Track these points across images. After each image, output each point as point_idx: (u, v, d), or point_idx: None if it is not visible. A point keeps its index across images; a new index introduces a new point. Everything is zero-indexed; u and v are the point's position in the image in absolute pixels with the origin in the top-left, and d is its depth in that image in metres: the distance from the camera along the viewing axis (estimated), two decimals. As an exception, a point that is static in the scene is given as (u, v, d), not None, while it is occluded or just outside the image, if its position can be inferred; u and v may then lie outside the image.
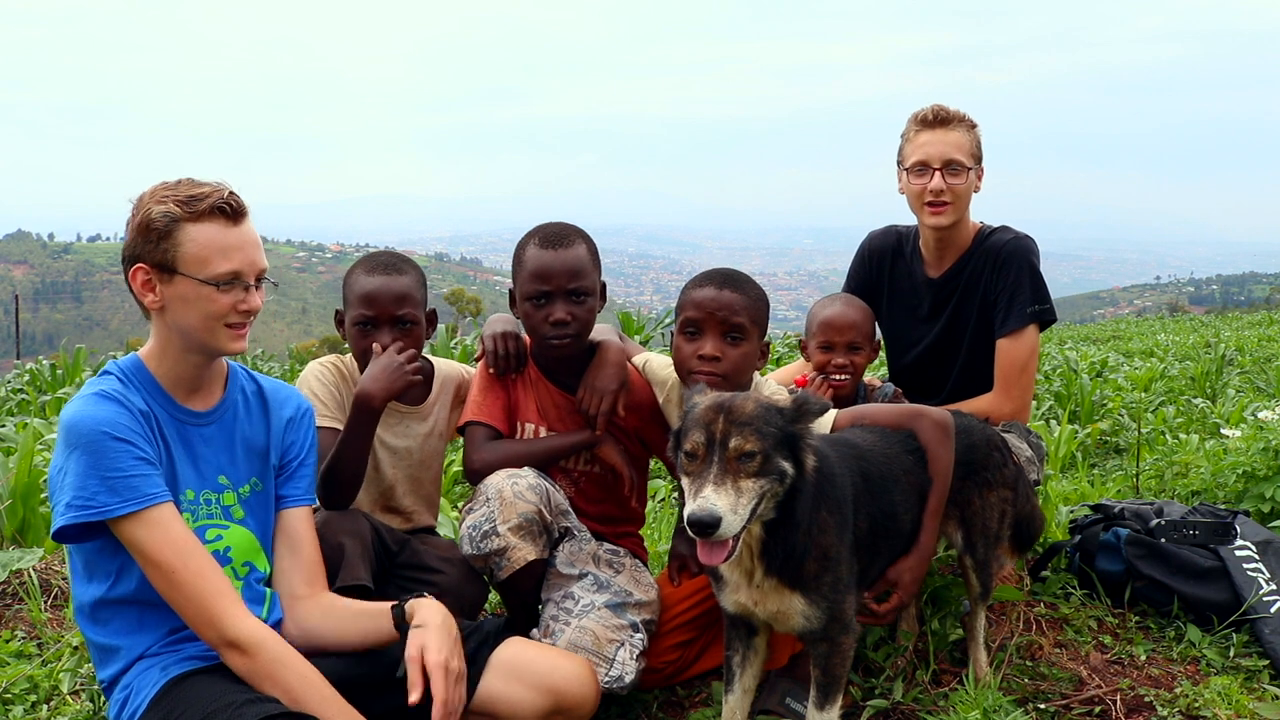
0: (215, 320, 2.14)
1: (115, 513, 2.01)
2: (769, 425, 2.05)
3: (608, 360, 2.85)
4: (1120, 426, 7.41)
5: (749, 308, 2.72)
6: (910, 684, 2.75)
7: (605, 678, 2.52)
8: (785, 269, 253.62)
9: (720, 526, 1.93)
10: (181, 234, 2.10)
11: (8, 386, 10.70)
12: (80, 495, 2.00)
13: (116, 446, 2.03)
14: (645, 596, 2.75)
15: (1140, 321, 25.61)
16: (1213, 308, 55.81)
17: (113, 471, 2.01)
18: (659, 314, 12.16)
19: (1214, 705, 2.61)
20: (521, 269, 2.78)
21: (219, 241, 2.12)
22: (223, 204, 2.12)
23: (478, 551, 2.58)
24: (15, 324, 20.04)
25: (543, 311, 2.74)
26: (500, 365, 2.85)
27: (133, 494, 2.02)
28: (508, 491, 2.58)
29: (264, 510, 2.35)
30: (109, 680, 2.18)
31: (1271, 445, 3.84)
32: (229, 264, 2.12)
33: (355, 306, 2.76)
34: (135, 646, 2.15)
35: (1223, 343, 12.82)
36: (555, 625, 2.64)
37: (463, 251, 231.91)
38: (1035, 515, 3.11)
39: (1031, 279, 3.32)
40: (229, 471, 2.29)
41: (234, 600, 2.08)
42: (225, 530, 2.26)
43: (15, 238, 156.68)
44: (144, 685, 2.10)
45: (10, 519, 4.05)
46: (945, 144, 3.29)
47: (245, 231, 2.16)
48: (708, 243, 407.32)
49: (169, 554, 2.03)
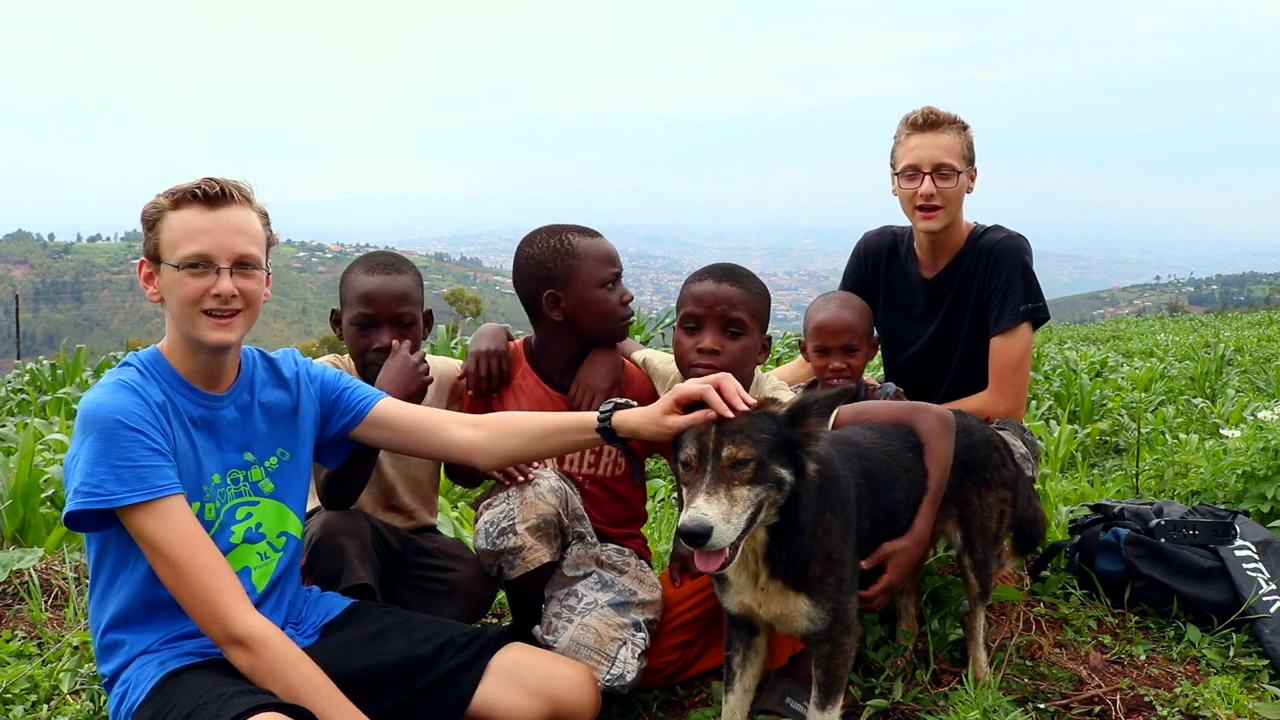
0: (190, 306, 2.12)
1: (122, 501, 2.00)
2: (763, 432, 2.04)
3: (600, 357, 2.85)
4: (1120, 426, 7.41)
5: (748, 302, 2.72)
6: (910, 684, 2.75)
7: (606, 676, 2.51)
8: (785, 269, 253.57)
9: (712, 537, 1.93)
10: (163, 222, 2.13)
11: (8, 386, 10.70)
12: (88, 482, 2.00)
13: (128, 436, 2.03)
14: (649, 596, 2.75)
15: (1140, 321, 25.60)
16: (1212, 308, 55.82)
17: (122, 461, 2.01)
18: (659, 314, 12.16)
19: (1214, 705, 2.61)
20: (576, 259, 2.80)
21: (190, 225, 2.11)
22: (199, 189, 2.12)
23: (492, 547, 2.57)
24: (15, 324, 20.04)
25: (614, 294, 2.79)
26: (482, 387, 2.87)
27: (141, 484, 2.02)
28: (529, 491, 2.59)
29: (297, 480, 2.37)
30: (110, 675, 2.19)
31: (1271, 445, 3.84)
32: (194, 246, 2.10)
33: (355, 306, 2.76)
34: (138, 643, 2.15)
35: (1222, 343, 12.82)
36: (558, 623, 2.64)
37: (463, 251, 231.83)
38: (1038, 517, 3.11)
39: (1024, 277, 3.32)
40: (254, 447, 2.30)
41: (239, 596, 2.08)
42: (255, 507, 2.28)
43: (15, 238, 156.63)
44: (141, 679, 2.11)
45: (10, 519, 4.05)
46: (935, 148, 3.29)
47: (222, 216, 2.13)
48: (708, 243, 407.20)
49: (176, 547, 2.03)
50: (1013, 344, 3.31)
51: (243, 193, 2.19)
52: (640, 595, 2.73)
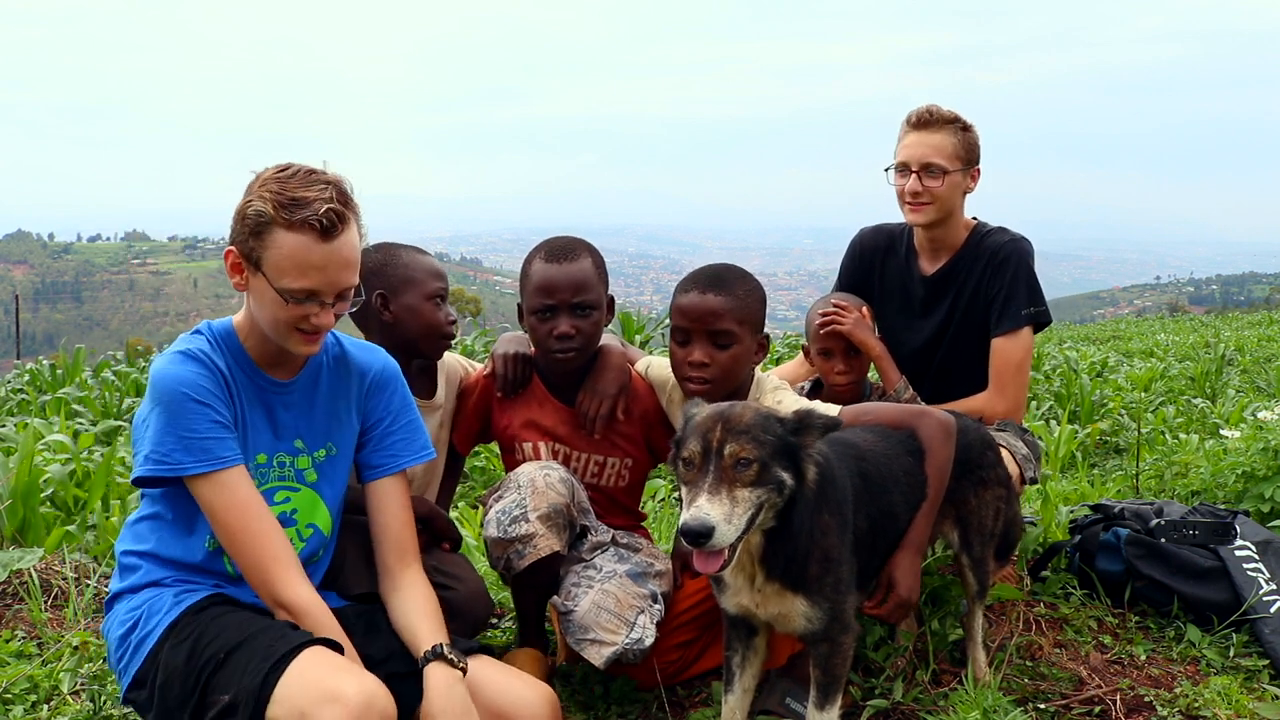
0: (285, 325, 2.15)
1: (188, 471, 2.10)
2: (767, 434, 2.04)
3: (608, 364, 2.87)
4: (1120, 426, 7.42)
5: (734, 310, 2.70)
6: (910, 684, 2.75)
7: (625, 639, 2.56)
8: (785, 269, 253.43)
9: (713, 536, 1.93)
10: (270, 236, 2.08)
11: (8, 386, 10.70)
12: (158, 450, 2.10)
13: (195, 409, 2.11)
14: (664, 566, 2.83)
15: (1140, 321, 25.60)
16: (1213, 308, 55.78)
17: (189, 432, 2.10)
18: (659, 314, 12.15)
19: (1214, 705, 2.62)
20: (528, 282, 2.81)
21: (301, 256, 2.07)
22: (318, 219, 2.06)
23: (504, 535, 2.59)
24: (15, 324, 20.05)
25: (547, 325, 2.76)
26: (506, 388, 2.91)
27: (206, 455, 2.10)
28: (540, 481, 2.64)
29: (337, 475, 2.39)
30: (115, 593, 2.25)
31: (1271, 445, 3.84)
32: (305, 281, 2.10)
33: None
34: (154, 573, 2.22)
35: (1223, 343, 12.83)
36: (577, 591, 2.66)
37: (463, 251, 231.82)
38: (1016, 521, 3.10)
39: (1028, 281, 3.34)
40: (306, 436, 2.33)
41: (289, 565, 2.15)
42: (295, 493, 2.32)
43: (15, 238, 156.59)
44: (156, 611, 2.15)
45: (10, 519, 4.05)
46: (926, 146, 3.31)
47: (335, 249, 2.10)
48: (708, 243, 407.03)
49: (235, 515, 2.11)
50: (1014, 346, 3.31)
51: (350, 208, 2.14)
52: (657, 566, 2.80)
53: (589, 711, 2.76)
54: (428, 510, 2.87)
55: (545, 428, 2.90)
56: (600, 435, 2.84)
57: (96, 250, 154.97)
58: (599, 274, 2.81)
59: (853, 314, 3.26)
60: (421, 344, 2.83)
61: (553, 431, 2.89)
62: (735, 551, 2.02)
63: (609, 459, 2.91)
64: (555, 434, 2.89)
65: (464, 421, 3.00)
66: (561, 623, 2.64)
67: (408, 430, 2.44)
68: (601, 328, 2.85)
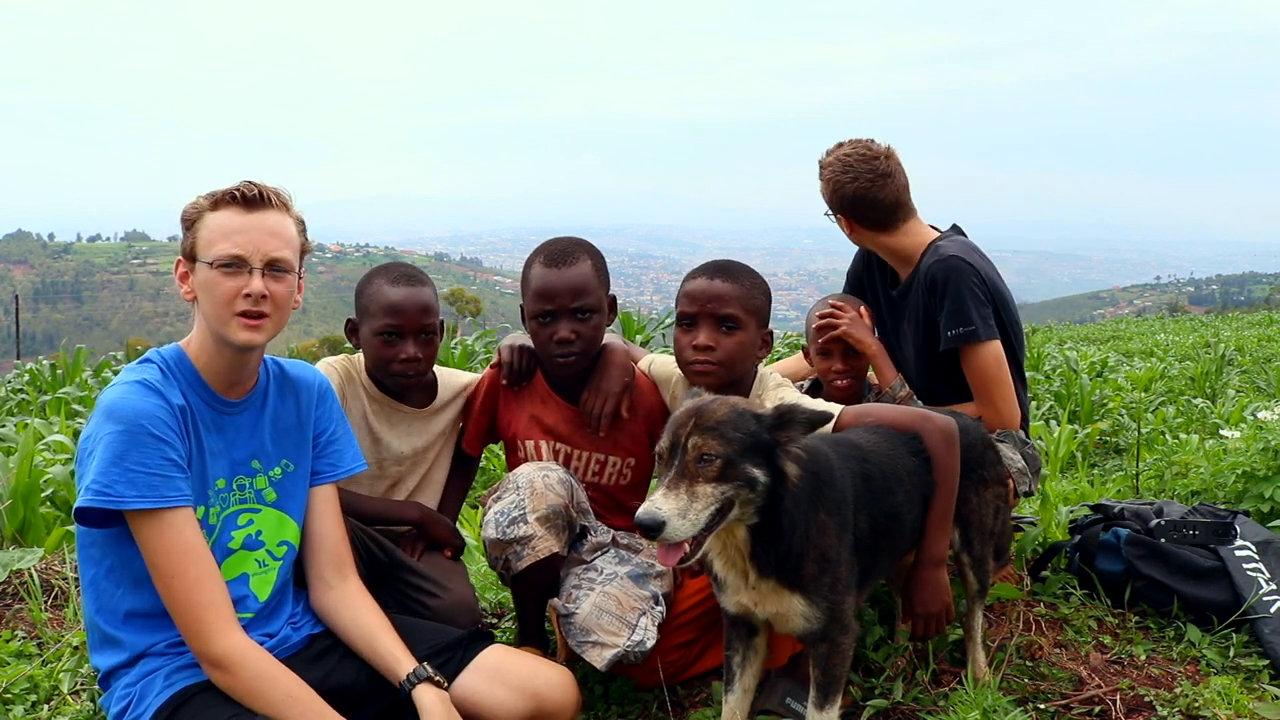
0: (223, 307, 2.14)
1: (130, 505, 2.02)
2: (738, 430, 2.03)
3: (612, 362, 2.87)
4: (1120, 426, 7.42)
5: (741, 297, 2.72)
6: (910, 684, 2.75)
7: (627, 642, 2.56)
8: (785, 269, 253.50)
9: (664, 530, 1.93)
10: (201, 222, 2.17)
11: (8, 386, 10.71)
12: (100, 481, 2.02)
13: (148, 442, 2.05)
14: (664, 567, 2.81)
15: (1140, 321, 25.61)
16: (1213, 308, 55.80)
17: (137, 466, 2.03)
18: (659, 314, 12.16)
19: (1214, 705, 2.61)
20: (528, 287, 2.81)
21: (226, 225, 2.14)
22: (238, 192, 2.16)
23: (503, 536, 2.60)
24: (15, 324, 20.07)
25: (548, 330, 2.76)
26: (513, 377, 2.93)
27: (151, 492, 2.03)
28: (539, 482, 2.64)
29: (297, 491, 2.37)
30: (107, 671, 2.19)
31: (1271, 445, 3.84)
32: (229, 245, 2.13)
33: (380, 317, 2.78)
34: (139, 643, 2.16)
35: (1223, 343, 12.84)
36: (578, 593, 2.66)
37: (463, 251, 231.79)
38: (1006, 529, 3.08)
39: (955, 302, 3.17)
40: (261, 455, 2.31)
41: (222, 614, 2.08)
42: (256, 514, 2.29)
43: (15, 238, 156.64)
44: (148, 693, 2.11)
45: (10, 519, 4.06)
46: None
47: (258, 218, 2.16)
48: (708, 243, 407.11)
49: (173, 558, 2.04)
50: (974, 362, 3.20)
51: (280, 198, 2.22)
52: (658, 567, 2.78)
53: (589, 711, 2.76)
54: (420, 515, 2.88)
55: (547, 425, 2.90)
56: (605, 433, 2.84)
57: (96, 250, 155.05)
58: (598, 277, 2.81)
59: (849, 314, 3.26)
60: (377, 374, 2.87)
61: (554, 430, 2.90)
62: (700, 545, 2.02)
63: (610, 458, 2.91)
64: (557, 432, 2.90)
65: (474, 419, 3.00)
66: (562, 625, 2.64)
67: (345, 441, 2.48)
68: (602, 330, 2.85)
